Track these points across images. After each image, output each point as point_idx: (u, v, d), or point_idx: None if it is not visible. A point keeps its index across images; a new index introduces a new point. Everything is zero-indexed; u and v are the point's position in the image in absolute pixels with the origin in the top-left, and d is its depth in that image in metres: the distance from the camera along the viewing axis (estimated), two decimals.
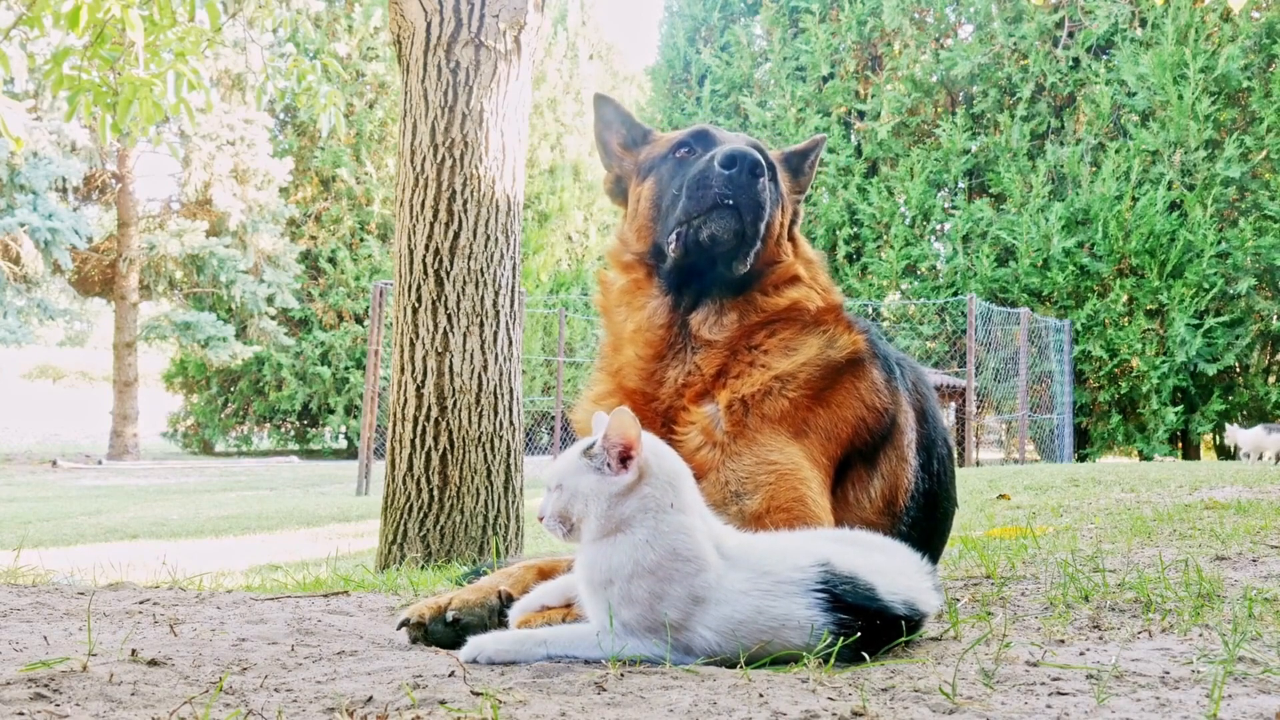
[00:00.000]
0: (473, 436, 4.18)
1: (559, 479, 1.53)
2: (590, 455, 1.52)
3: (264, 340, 25.44)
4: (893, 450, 2.13)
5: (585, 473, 1.51)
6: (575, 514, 1.51)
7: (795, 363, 2.05)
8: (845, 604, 1.47)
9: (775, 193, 2.15)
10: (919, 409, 2.24)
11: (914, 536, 2.02)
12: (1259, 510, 3.98)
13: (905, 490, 2.14)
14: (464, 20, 4.26)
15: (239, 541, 7.43)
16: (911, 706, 1.22)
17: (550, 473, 1.56)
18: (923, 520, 2.20)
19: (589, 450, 1.53)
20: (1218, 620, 1.74)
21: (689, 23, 23.13)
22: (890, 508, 2.11)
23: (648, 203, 2.19)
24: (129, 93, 5.90)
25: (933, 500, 2.25)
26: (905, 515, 2.13)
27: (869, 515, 2.04)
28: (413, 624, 1.71)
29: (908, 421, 2.18)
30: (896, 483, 2.13)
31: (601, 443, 1.51)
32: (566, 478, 1.52)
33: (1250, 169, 16.80)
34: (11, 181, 21.56)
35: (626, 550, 1.47)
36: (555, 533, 1.53)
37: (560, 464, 1.56)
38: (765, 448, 1.96)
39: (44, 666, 1.35)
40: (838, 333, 2.13)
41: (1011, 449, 18.54)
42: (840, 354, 2.09)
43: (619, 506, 1.48)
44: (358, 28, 27.16)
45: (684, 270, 2.10)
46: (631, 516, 1.48)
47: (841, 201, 20.09)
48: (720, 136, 2.20)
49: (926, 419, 2.26)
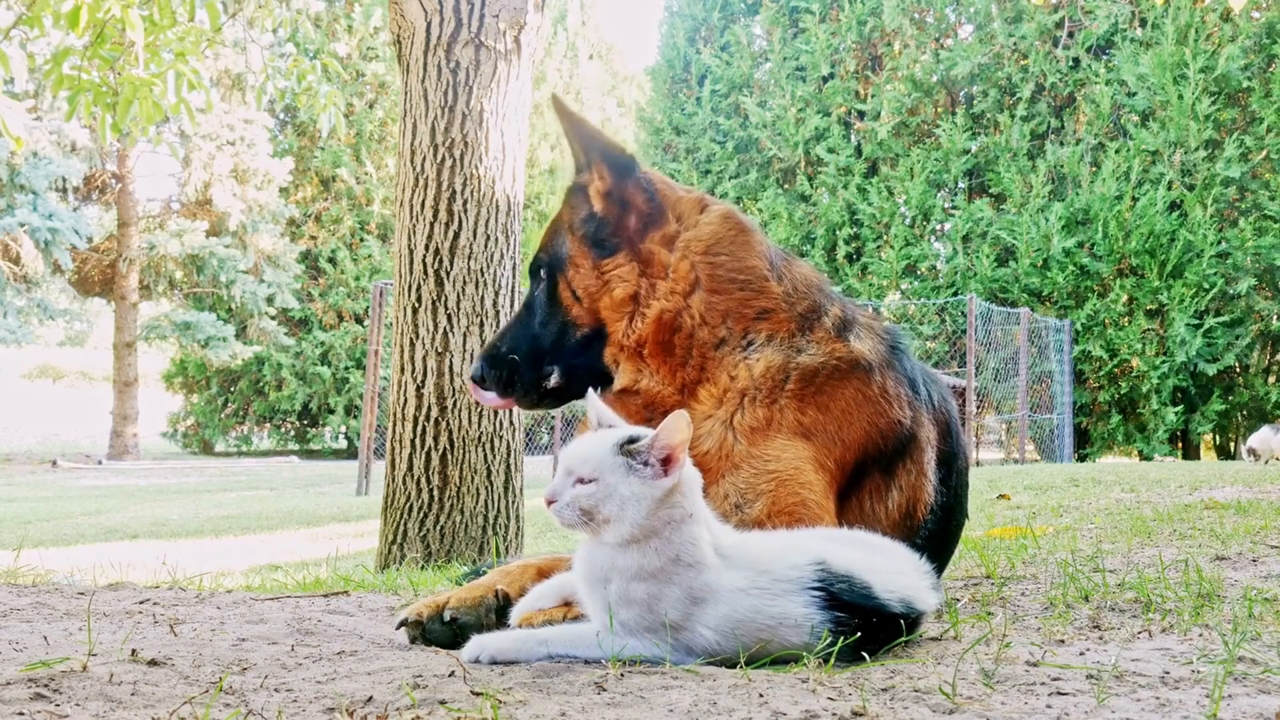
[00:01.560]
0: (473, 436, 4.18)
1: (594, 472, 1.44)
2: (631, 453, 1.44)
3: (264, 340, 25.44)
4: (912, 464, 2.09)
5: (624, 472, 1.43)
6: (607, 513, 1.43)
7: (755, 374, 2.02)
8: (841, 602, 1.47)
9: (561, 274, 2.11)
10: (943, 425, 2.21)
11: (929, 549, 2.01)
12: (1259, 510, 3.98)
13: (925, 505, 2.12)
14: (464, 20, 4.26)
15: (239, 541, 7.43)
16: (911, 706, 1.22)
17: (574, 458, 1.47)
18: (938, 533, 2.19)
19: (629, 446, 1.45)
20: (1218, 620, 1.74)
21: (689, 23, 23.12)
22: (908, 520, 2.09)
23: None
24: (129, 93, 5.91)
25: (949, 514, 2.23)
26: (923, 528, 2.12)
27: (885, 527, 2.03)
28: (411, 623, 1.71)
29: (929, 437, 2.13)
30: (916, 496, 2.10)
31: (651, 443, 1.44)
32: (605, 474, 1.44)
33: (1250, 169, 16.80)
34: (11, 181, 21.56)
35: (634, 555, 1.45)
36: (572, 523, 1.45)
37: (590, 452, 1.46)
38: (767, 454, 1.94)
39: (44, 666, 1.35)
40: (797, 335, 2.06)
41: (1011, 449, 18.54)
42: (815, 357, 2.04)
43: (656, 514, 1.43)
44: (358, 28, 27.17)
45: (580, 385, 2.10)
46: (661, 527, 1.43)
47: (841, 201, 20.09)
48: None
49: (950, 435, 2.24)
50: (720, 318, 2.04)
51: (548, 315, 2.13)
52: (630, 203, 2.10)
